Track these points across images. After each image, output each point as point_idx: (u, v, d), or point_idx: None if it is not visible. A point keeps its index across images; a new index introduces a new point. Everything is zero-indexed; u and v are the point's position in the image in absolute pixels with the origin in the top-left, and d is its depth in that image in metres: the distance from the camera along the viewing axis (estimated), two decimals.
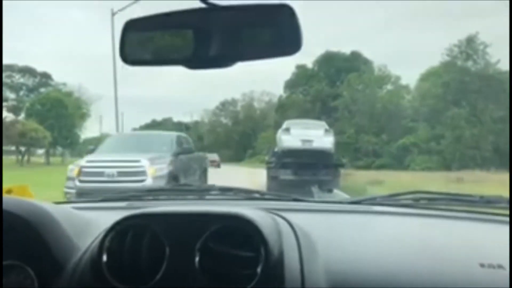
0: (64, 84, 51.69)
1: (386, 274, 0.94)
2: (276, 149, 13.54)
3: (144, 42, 1.06)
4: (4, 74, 48.71)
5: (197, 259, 0.91)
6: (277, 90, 57.68)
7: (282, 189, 10.72)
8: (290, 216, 1.11)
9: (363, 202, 1.52)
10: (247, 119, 63.39)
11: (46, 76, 52.55)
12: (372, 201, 1.53)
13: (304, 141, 12.53)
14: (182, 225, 0.95)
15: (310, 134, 12.80)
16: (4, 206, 1.02)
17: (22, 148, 38.24)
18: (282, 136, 13.01)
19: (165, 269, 0.91)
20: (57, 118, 40.92)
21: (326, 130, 13.23)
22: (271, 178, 12.60)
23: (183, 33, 1.03)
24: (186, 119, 71.71)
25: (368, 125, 37.97)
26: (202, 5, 0.95)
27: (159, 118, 74.70)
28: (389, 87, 42.69)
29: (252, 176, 17.49)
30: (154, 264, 0.92)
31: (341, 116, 40.01)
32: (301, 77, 50.91)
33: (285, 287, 0.88)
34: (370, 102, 38.72)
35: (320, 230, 1.10)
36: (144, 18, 1.04)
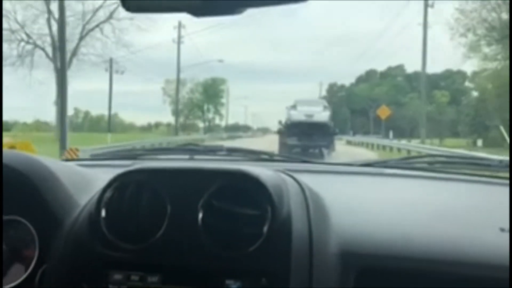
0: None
1: (401, 238, 0.89)
2: (285, 121, 17.82)
3: None
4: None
5: (200, 216, 0.87)
6: None
7: (289, 152, 13.93)
8: (298, 176, 1.06)
9: (374, 164, 1.46)
10: None
11: None
12: (384, 164, 1.46)
13: (307, 115, 16.97)
14: (184, 181, 0.91)
15: (312, 110, 17.27)
16: (3, 160, 0.99)
17: None
18: (290, 111, 17.53)
19: (167, 227, 0.87)
20: None
21: (325, 107, 17.89)
22: (281, 143, 16.61)
23: None
24: None
25: None
26: None
27: None
28: None
29: None
30: (155, 221, 0.88)
31: None
32: None
33: (292, 248, 0.83)
34: None
35: (330, 191, 1.05)
36: None
